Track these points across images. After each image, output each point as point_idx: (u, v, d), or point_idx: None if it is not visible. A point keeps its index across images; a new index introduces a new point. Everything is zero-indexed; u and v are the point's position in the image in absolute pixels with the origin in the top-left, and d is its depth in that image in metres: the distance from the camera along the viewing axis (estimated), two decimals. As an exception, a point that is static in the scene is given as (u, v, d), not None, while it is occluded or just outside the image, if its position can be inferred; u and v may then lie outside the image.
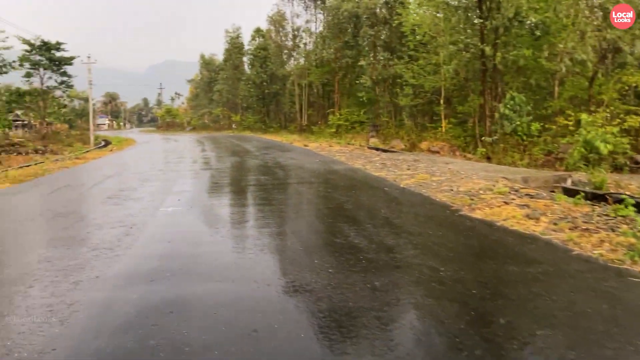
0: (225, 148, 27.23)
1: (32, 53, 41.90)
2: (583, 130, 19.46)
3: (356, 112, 43.29)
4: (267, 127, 59.39)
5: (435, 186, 10.68)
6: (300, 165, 16.15)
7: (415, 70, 29.36)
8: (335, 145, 26.32)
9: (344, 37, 41.70)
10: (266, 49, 57.92)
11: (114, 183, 12.99)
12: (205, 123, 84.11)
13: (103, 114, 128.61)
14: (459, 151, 24.00)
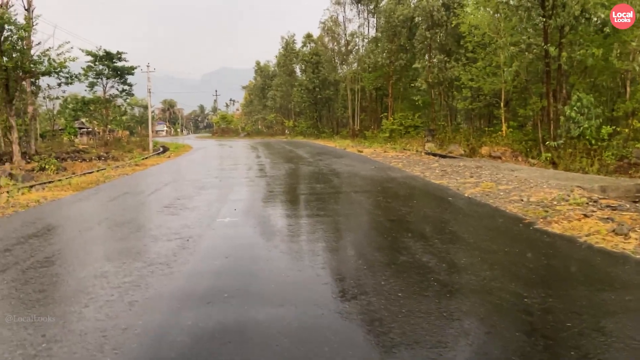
0: (278, 154, 27.19)
1: (95, 63, 43.58)
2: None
3: (410, 116, 42.48)
4: (320, 133, 59.36)
5: (504, 196, 9.97)
6: (355, 173, 15.72)
7: (473, 72, 28.32)
8: (390, 151, 25.70)
9: (398, 41, 40.99)
10: (318, 55, 57.95)
11: (171, 191, 13.02)
12: (259, 129, 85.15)
13: (161, 121, 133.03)
14: (521, 156, 22.86)
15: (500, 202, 9.33)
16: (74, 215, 9.86)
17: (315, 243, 6.59)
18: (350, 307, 4.20)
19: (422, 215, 8.40)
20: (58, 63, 28.60)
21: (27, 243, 7.18)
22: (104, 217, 9.39)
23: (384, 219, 8.17)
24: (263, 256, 6.01)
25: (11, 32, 26.35)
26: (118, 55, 44.27)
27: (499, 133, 27.33)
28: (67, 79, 32.38)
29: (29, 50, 28.42)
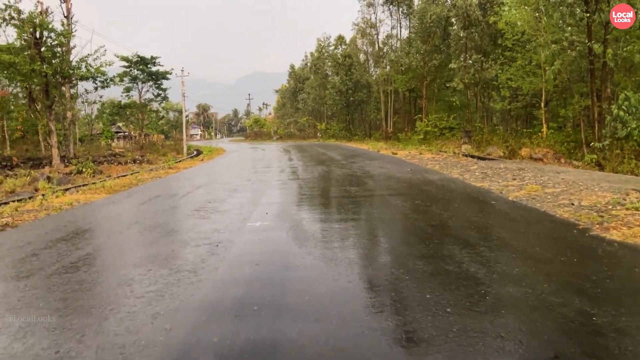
0: (311, 157, 26.85)
1: (130, 68, 44.31)
2: None
3: (445, 117, 41.56)
4: (352, 135, 58.89)
5: (551, 199, 9.32)
6: (391, 175, 15.20)
7: (512, 72, 27.36)
8: (425, 153, 25.03)
9: (432, 41, 40.17)
10: (350, 57, 57.54)
11: (203, 194, 12.80)
12: (291, 132, 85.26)
13: (195, 125, 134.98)
14: (564, 158, 21.86)
15: (549, 206, 8.69)
16: (104, 218, 9.70)
17: (351, 250, 6.16)
18: (394, 324, 3.75)
19: (465, 220, 7.86)
20: (95, 68, 29.10)
21: (55, 247, 6.99)
22: (134, 220, 9.19)
23: (424, 224, 7.67)
24: (295, 264, 5.61)
25: (51, 39, 26.95)
26: (152, 60, 44.91)
27: (538, 134, 26.32)
28: (103, 82, 32.96)
29: (68, 56, 29.04)
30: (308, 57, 78.56)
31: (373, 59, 56.27)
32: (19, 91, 35.30)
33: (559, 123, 28.68)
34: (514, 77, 27.07)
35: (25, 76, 25.21)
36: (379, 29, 51.47)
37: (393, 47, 50.13)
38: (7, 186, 19.83)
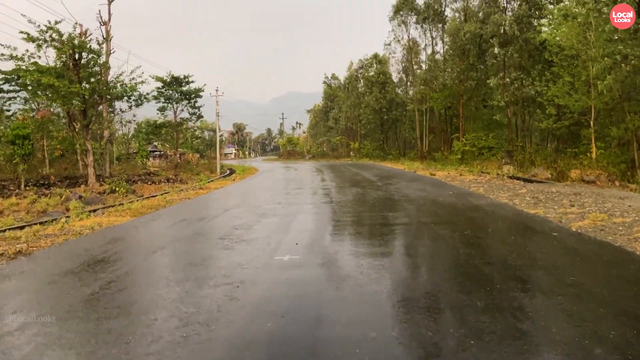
0: (344, 177, 25.90)
1: (164, 88, 44.69)
2: None
3: (483, 137, 39.98)
4: (386, 155, 57.75)
5: (624, 232, 8.07)
6: (432, 199, 14.08)
7: (558, 88, 25.86)
8: (466, 174, 23.70)
9: (467, 60, 38.91)
10: (385, 74, 56.72)
11: (230, 218, 11.98)
12: (324, 151, 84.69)
13: (230, 144, 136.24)
14: (618, 180, 20.23)
15: (624, 240, 7.46)
16: (121, 247, 8.95)
17: (395, 296, 5.14)
18: None
19: (528, 258, 6.72)
20: (129, 87, 29.18)
21: (60, 282, 6.23)
22: (152, 250, 8.39)
23: (479, 261, 6.57)
24: (329, 315, 4.62)
25: (89, 60, 27.19)
26: (185, 79, 45.15)
27: (587, 155, 24.66)
28: (136, 100, 33.09)
29: (106, 76, 29.29)
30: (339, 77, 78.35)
31: (407, 77, 55.30)
32: (59, 111, 35.78)
33: (606, 142, 26.91)
34: (560, 94, 25.56)
35: (64, 97, 25.34)
36: (412, 47, 50.55)
37: (428, 66, 49.04)
38: (40, 205, 19.61)
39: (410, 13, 47.91)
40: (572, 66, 25.61)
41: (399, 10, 48.36)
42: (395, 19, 49.32)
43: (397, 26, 49.93)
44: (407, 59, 52.35)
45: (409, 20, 48.85)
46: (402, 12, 48.38)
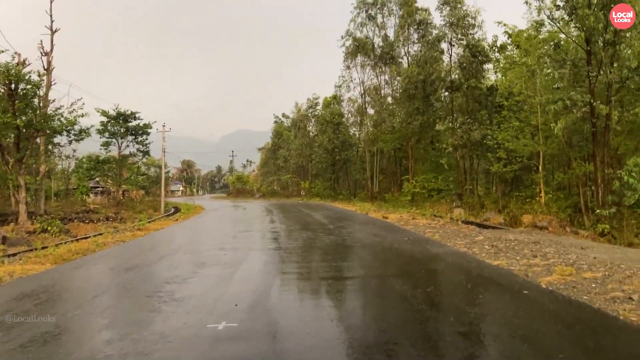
0: (295, 219, 24.84)
1: (109, 123, 42.92)
2: None
3: (432, 179, 40.05)
4: (337, 195, 57.22)
5: (599, 290, 7.38)
6: (387, 246, 13.22)
7: (507, 133, 26.14)
8: (419, 218, 23.14)
9: (414, 103, 39.38)
10: (341, 115, 56.84)
11: (164, 268, 10.63)
12: (275, 189, 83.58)
13: (178, 181, 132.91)
14: (569, 227, 20.17)
15: (601, 301, 6.73)
16: (24, 309, 7.45)
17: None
18: None
19: (504, 324, 5.82)
20: (68, 121, 27.47)
21: None
22: (62, 312, 6.96)
23: (448, 329, 5.62)
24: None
25: (26, 91, 25.50)
26: (133, 115, 43.54)
27: (537, 199, 24.76)
28: (76, 135, 31.21)
29: (45, 109, 27.51)
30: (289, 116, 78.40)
31: (358, 118, 55.66)
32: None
33: (552, 187, 27.27)
34: (509, 139, 25.82)
35: (-4, 128, 23.45)
36: (362, 90, 50.93)
37: (377, 108, 49.43)
38: (-47, 248, 17.40)
39: (364, 57, 48.43)
40: (521, 111, 26.01)
41: (353, 54, 48.84)
42: (348, 61, 49.75)
43: (350, 68, 50.33)
44: (359, 100, 52.74)
45: (361, 63, 49.35)
46: (357, 55, 48.88)
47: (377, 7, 45.95)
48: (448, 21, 33.05)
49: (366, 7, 46.18)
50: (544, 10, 21.26)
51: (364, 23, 46.80)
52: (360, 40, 46.71)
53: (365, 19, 46.57)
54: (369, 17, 46.46)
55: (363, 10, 46.38)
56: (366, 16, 46.50)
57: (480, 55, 31.43)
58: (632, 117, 19.64)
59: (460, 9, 32.36)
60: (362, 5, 46.32)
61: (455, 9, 32.40)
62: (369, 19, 46.49)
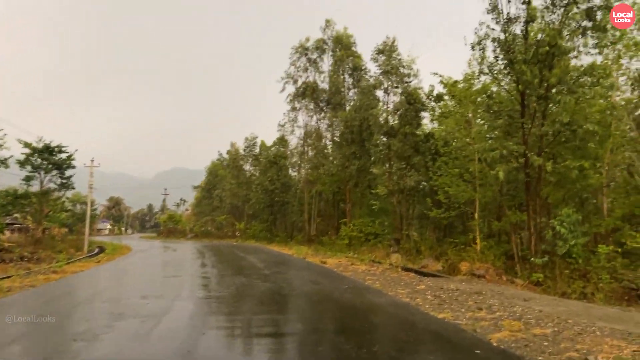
0: (228, 262, 23.56)
1: (32, 156, 40.10)
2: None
3: (369, 223, 39.92)
4: (273, 237, 55.96)
5: (551, 348, 6.93)
6: (326, 295, 12.41)
7: (445, 179, 26.46)
8: (358, 264, 22.54)
9: (351, 147, 39.63)
10: (284, 157, 56.33)
11: (74, 320, 9.27)
12: (208, 230, 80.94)
13: (105, 219, 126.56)
14: (505, 275, 20.25)
15: (557, 362, 6.25)
16: None
17: None
18: None
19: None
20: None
21: None
22: None
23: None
24: None
25: None
26: (59, 148, 40.96)
27: (473, 246, 24.93)
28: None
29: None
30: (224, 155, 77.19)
31: (297, 160, 55.42)
32: None
33: (485, 234, 27.69)
34: (446, 185, 26.12)
35: None
36: (302, 132, 50.84)
37: (316, 151, 49.43)
38: None
39: (307, 100, 48.57)
40: (457, 159, 26.47)
41: (298, 96, 48.93)
42: (293, 103, 49.75)
43: (295, 109, 50.28)
44: (300, 142, 52.59)
45: (304, 106, 49.45)
46: (300, 98, 48.95)
47: (317, 52, 46.56)
48: (384, 69, 33.72)
49: (306, 52, 46.68)
50: (486, 60, 21.90)
51: (305, 67, 47.22)
52: (305, 83, 47.03)
53: (306, 63, 47.01)
54: (309, 61, 46.96)
55: (303, 55, 46.84)
56: (306, 60, 46.96)
57: (416, 103, 32.11)
58: (562, 169, 20.30)
59: (394, 58, 33.16)
60: (301, 50, 46.80)
61: (390, 57, 33.18)
62: (309, 62, 46.98)
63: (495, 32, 20.16)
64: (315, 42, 46.35)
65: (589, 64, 19.84)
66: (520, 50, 19.26)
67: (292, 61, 47.30)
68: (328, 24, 45.94)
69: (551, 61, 18.92)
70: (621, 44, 21.29)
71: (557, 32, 18.51)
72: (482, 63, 22.26)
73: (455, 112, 27.65)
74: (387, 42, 34.03)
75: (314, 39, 46.61)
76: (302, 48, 46.52)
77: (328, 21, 45.97)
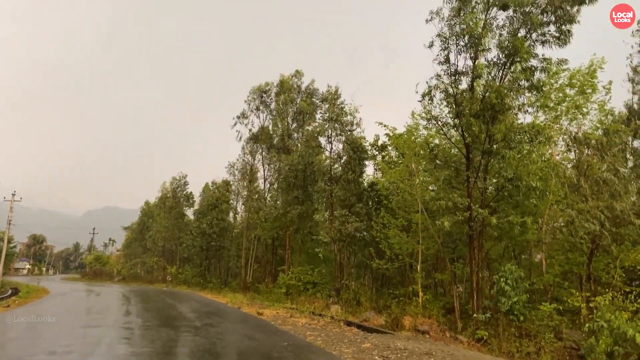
0: (156, 311, 21.65)
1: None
2: (604, 315, 16.02)
3: (309, 271, 38.71)
4: (207, 283, 53.25)
5: None
6: (265, 355, 11.17)
7: (389, 230, 26.03)
8: (297, 316, 21.26)
9: (294, 192, 38.90)
10: (226, 201, 54.50)
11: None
12: (138, 273, 76.67)
13: (25, 258, 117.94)
14: (448, 331, 19.65)
15: None
16: None
17: None
18: None
19: None
20: None
21: None
22: None
23: None
24: None
25: None
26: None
27: (414, 300, 24.31)
28: None
29: None
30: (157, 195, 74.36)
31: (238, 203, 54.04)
32: None
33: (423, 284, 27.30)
34: (390, 235, 25.69)
35: None
36: (245, 175, 49.67)
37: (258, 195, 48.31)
38: None
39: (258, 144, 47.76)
40: (402, 208, 26.20)
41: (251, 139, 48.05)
42: (248, 146, 48.74)
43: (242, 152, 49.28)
44: (242, 184, 51.26)
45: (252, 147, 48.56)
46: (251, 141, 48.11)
47: (269, 96, 46.20)
48: (328, 117, 33.62)
49: (261, 94, 46.24)
50: (433, 110, 21.95)
51: (258, 108, 46.72)
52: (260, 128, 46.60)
53: (260, 105, 46.49)
54: (262, 103, 46.49)
55: (258, 97, 46.33)
56: (260, 102, 46.46)
57: (359, 151, 32.07)
58: (505, 224, 20.33)
59: (338, 107, 33.30)
60: (257, 92, 46.29)
61: (334, 106, 33.28)
62: (263, 104, 46.51)
63: (445, 84, 20.35)
64: (265, 84, 46.09)
65: (528, 122, 20.35)
66: (467, 104, 19.42)
67: (247, 99, 46.84)
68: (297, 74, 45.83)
69: (495, 116, 19.18)
70: (564, 105, 22.15)
71: (501, 89, 18.81)
72: (429, 114, 22.33)
73: (398, 162, 27.67)
74: (330, 91, 34.15)
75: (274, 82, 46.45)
76: (258, 90, 46.10)
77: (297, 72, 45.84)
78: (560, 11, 18.10)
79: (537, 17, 18.21)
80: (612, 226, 19.63)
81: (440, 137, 25.18)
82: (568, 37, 18.39)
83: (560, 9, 17.97)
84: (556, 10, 18.12)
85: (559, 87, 22.30)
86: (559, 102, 22.37)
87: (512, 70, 19.53)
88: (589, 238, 19.67)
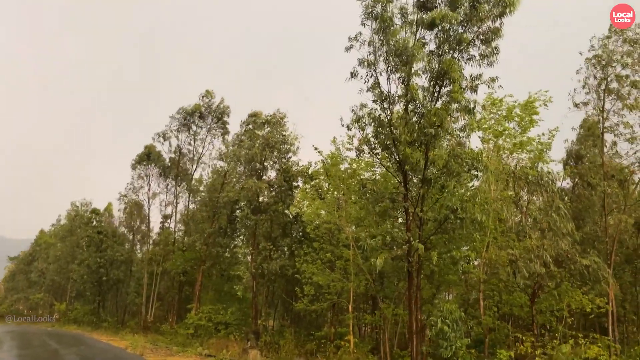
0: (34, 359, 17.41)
1: None
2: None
3: (221, 310, 35.03)
4: (100, 322, 47.36)
5: None
6: None
7: (315, 266, 23.70)
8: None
9: (218, 223, 35.62)
10: (106, 234, 49.13)
11: None
12: (20, 310, 67.91)
13: None
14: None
15: None
16: None
17: None
18: None
19: None
20: None
21: None
22: None
23: None
24: None
25: None
26: None
27: (344, 345, 22.01)
28: None
29: None
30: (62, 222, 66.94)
31: (140, 235, 49.31)
32: None
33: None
34: (318, 272, 23.34)
35: None
36: (151, 202, 45.46)
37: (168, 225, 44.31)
38: None
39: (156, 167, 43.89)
40: (330, 242, 24.10)
41: (142, 161, 44.06)
42: (137, 169, 44.55)
43: (138, 178, 44.99)
44: (142, 213, 46.84)
45: (150, 173, 44.62)
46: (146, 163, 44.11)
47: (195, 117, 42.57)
48: (265, 142, 30.59)
49: (185, 117, 42.34)
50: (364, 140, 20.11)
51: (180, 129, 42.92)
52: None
53: (181, 127, 42.69)
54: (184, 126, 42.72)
55: (182, 117, 42.44)
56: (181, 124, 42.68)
57: (291, 180, 29.79)
58: (447, 260, 18.83)
59: (279, 132, 30.82)
60: (182, 112, 42.40)
61: (275, 131, 30.73)
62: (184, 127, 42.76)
63: (377, 111, 18.69)
64: (194, 106, 42.27)
65: (466, 150, 19.08)
66: (403, 130, 17.70)
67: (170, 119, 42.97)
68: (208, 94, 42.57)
69: (433, 143, 17.72)
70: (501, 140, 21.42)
71: (440, 112, 17.37)
72: (362, 141, 20.32)
73: (325, 192, 25.65)
74: (277, 115, 31.46)
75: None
76: (184, 111, 42.17)
77: (208, 92, 42.61)
78: (485, 26, 17.27)
79: (463, 34, 17.21)
80: (555, 265, 18.79)
81: (371, 167, 23.68)
82: (495, 54, 17.51)
83: (482, 21, 17.08)
84: (480, 24, 17.22)
85: (497, 120, 21.60)
86: (497, 136, 21.63)
87: (445, 92, 18.15)
88: (532, 279, 18.70)
